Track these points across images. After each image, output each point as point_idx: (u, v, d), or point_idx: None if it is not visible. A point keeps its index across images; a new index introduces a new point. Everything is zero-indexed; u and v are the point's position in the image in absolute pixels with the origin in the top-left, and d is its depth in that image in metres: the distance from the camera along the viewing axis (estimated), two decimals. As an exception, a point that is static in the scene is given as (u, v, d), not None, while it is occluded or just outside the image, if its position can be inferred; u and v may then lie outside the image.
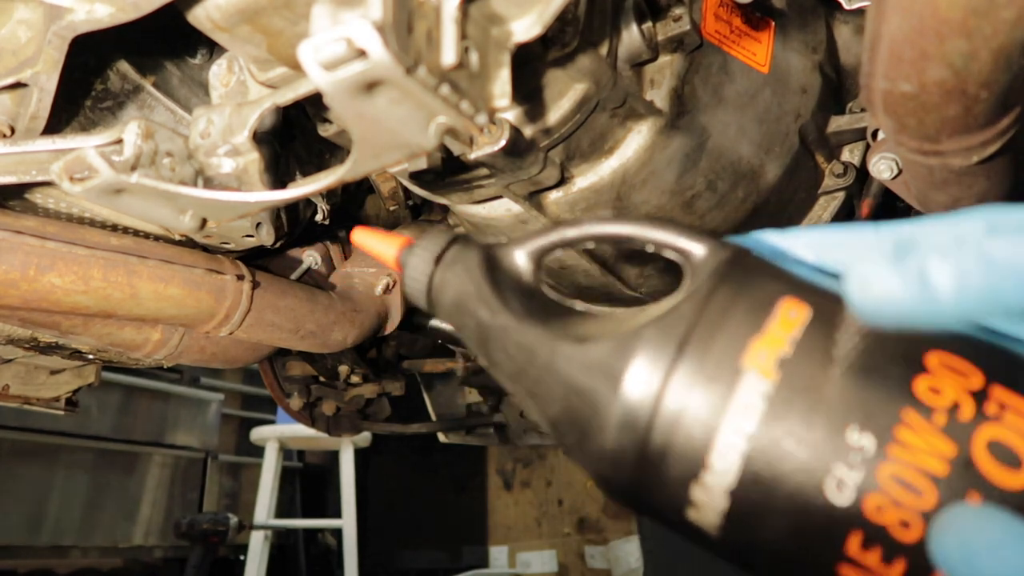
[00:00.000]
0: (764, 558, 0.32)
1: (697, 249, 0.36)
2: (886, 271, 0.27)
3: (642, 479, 0.33)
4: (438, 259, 0.41)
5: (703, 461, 0.31)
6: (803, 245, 0.38)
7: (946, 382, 0.29)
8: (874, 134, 0.78)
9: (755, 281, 0.34)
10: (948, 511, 0.28)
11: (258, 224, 0.79)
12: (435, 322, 1.19)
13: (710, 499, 0.32)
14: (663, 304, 0.34)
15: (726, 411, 0.31)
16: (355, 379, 1.65)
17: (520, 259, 0.41)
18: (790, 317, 0.32)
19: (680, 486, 0.32)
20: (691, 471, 0.32)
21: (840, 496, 0.29)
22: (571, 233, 0.40)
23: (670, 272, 0.90)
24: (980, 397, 0.29)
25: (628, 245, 0.39)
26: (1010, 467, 0.28)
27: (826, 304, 0.32)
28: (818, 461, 0.30)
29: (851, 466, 0.29)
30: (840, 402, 0.30)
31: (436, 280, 0.41)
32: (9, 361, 1.05)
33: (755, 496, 0.31)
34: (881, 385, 0.30)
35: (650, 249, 0.38)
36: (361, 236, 0.44)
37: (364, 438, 3.85)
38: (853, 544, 0.29)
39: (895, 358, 0.30)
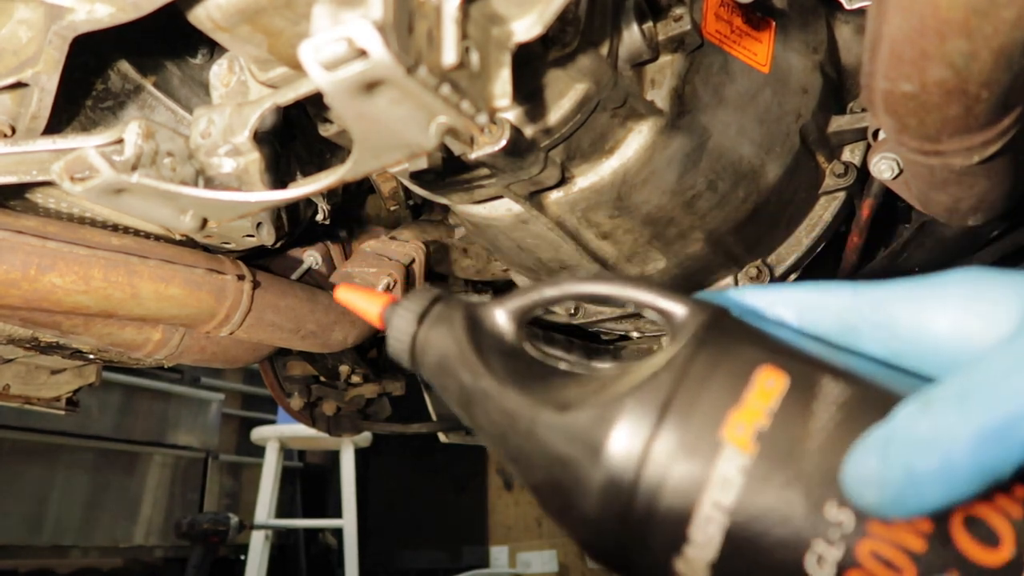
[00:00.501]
0: None
1: (677, 310, 0.36)
2: (875, 466, 0.28)
3: (626, 549, 0.34)
4: (421, 318, 0.41)
5: (684, 534, 0.31)
6: (782, 304, 0.38)
7: None
8: (875, 134, 0.78)
9: (733, 347, 0.34)
10: None
11: (259, 224, 0.79)
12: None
13: (693, 572, 0.32)
14: (644, 368, 0.35)
15: (705, 485, 0.31)
16: (355, 379, 1.65)
17: (501, 319, 0.41)
18: (767, 387, 0.32)
19: (663, 558, 0.32)
20: (673, 544, 0.32)
21: (821, 572, 0.29)
22: (550, 293, 0.41)
23: (669, 274, 0.90)
24: None
25: (608, 304, 0.39)
26: (988, 544, 0.28)
27: (804, 371, 0.32)
28: (798, 536, 0.30)
29: (831, 542, 0.29)
30: (818, 476, 0.30)
31: (419, 339, 0.41)
32: (10, 361, 1.05)
33: (737, 570, 0.31)
34: None
35: (631, 309, 0.39)
36: (344, 293, 0.44)
37: (364, 438, 3.85)
38: None
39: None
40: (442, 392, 0.41)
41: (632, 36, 0.67)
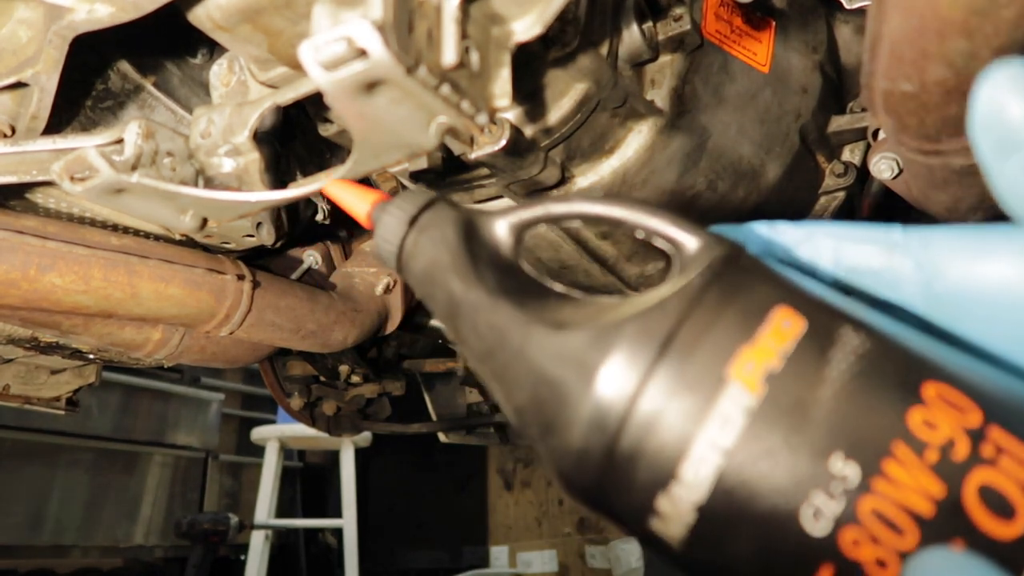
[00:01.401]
0: None
1: (690, 241, 0.34)
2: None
3: (606, 482, 0.31)
4: (413, 221, 0.38)
5: (673, 471, 0.29)
6: (821, 235, 0.36)
7: (942, 416, 0.28)
8: (875, 134, 0.78)
9: (750, 284, 0.31)
10: (929, 554, 0.26)
11: (258, 224, 0.79)
12: (435, 322, 1.19)
13: (677, 512, 0.30)
14: (649, 296, 0.32)
15: (704, 422, 0.29)
16: (355, 379, 1.65)
17: (501, 230, 0.38)
18: (783, 328, 0.30)
19: (646, 495, 0.30)
20: (660, 481, 0.30)
21: (816, 526, 0.27)
22: (557, 209, 0.38)
23: (670, 272, 0.90)
24: (976, 437, 0.27)
25: (616, 228, 0.36)
26: (1001, 516, 0.26)
27: (823, 318, 0.30)
28: (796, 486, 0.28)
29: (831, 496, 0.27)
30: (827, 426, 0.28)
31: (408, 243, 0.38)
32: (10, 361, 1.05)
33: (725, 515, 0.29)
34: (873, 412, 0.28)
35: (640, 235, 0.36)
36: (334, 188, 0.41)
37: (364, 438, 3.85)
38: None
39: (891, 385, 0.29)
40: (428, 301, 0.38)
41: (632, 36, 0.67)
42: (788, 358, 0.29)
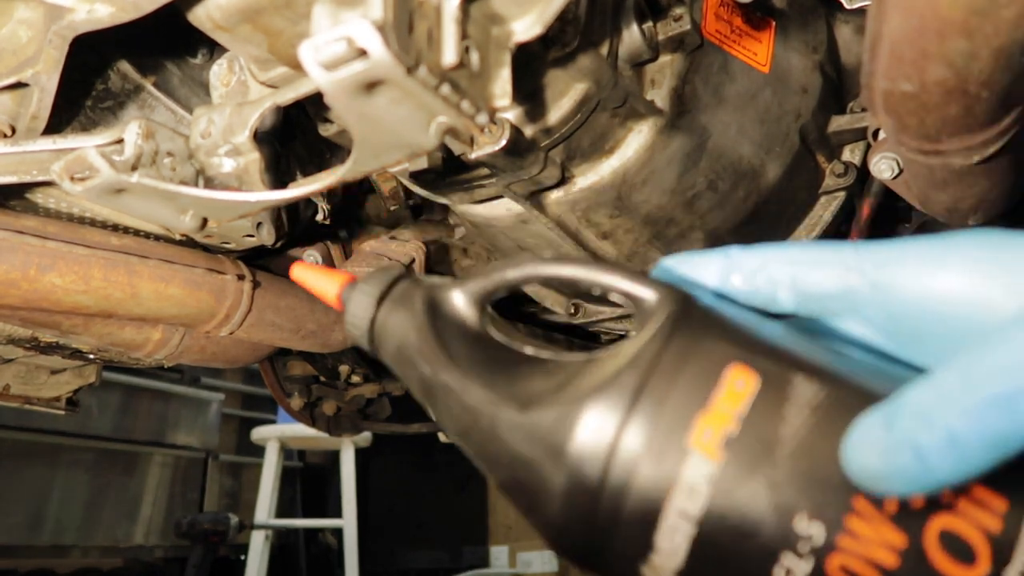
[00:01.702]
0: None
1: (646, 294, 0.34)
2: (879, 444, 0.27)
3: (592, 552, 0.33)
4: (380, 300, 0.39)
5: (650, 542, 0.30)
6: (777, 262, 0.36)
7: None
8: (875, 134, 0.78)
9: (703, 342, 0.32)
10: None
11: (259, 224, 0.79)
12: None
13: None
14: (610, 362, 0.33)
15: (671, 493, 0.30)
16: (356, 379, 1.65)
17: (460, 303, 0.39)
18: (737, 389, 0.30)
19: (630, 565, 0.32)
20: (639, 551, 0.31)
21: None
22: (512, 274, 0.38)
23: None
24: None
25: (574, 287, 0.37)
26: (963, 562, 0.27)
27: (776, 370, 0.31)
28: (766, 549, 0.29)
29: (800, 555, 0.28)
30: (788, 487, 0.29)
31: (378, 323, 0.39)
32: (10, 361, 1.05)
33: None
34: (831, 468, 0.28)
35: (596, 292, 0.36)
36: (300, 272, 0.42)
37: (364, 438, 3.85)
38: None
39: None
40: (404, 381, 0.39)
41: (632, 36, 0.67)
42: (744, 420, 0.30)
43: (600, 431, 0.31)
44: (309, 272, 0.42)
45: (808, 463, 0.29)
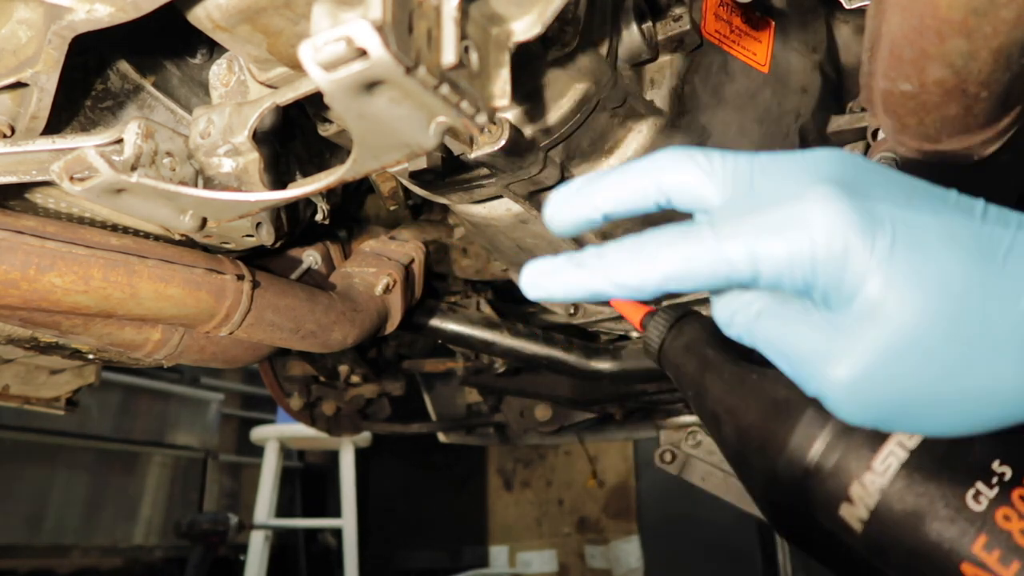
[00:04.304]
0: (900, 551, 0.38)
1: None
2: None
3: (810, 474, 0.41)
4: (671, 326, 0.55)
5: (868, 463, 0.39)
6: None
7: None
8: (874, 134, 0.78)
9: None
10: None
11: (258, 224, 0.79)
12: (435, 322, 1.19)
13: (865, 495, 0.39)
14: None
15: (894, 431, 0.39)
16: (355, 379, 1.65)
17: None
18: None
19: (842, 484, 0.40)
20: (856, 470, 0.39)
21: (976, 504, 0.36)
22: None
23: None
24: None
25: None
26: None
27: None
28: (965, 476, 0.37)
29: (991, 485, 0.37)
30: (989, 445, 0.37)
31: (668, 338, 0.54)
32: (9, 361, 1.05)
33: (904, 496, 0.38)
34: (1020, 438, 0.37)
35: None
36: (616, 303, 0.58)
37: (364, 438, 3.85)
38: (979, 544, 0.36)
39: None
40: (680, 369, 0.52)
41: (631, 36, 0.67)
42: None
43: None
44: (621, 304, 0.58)
45: (1001, 435, 0.36)
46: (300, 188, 0.51)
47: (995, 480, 0.37)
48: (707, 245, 0.34)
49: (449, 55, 0.39)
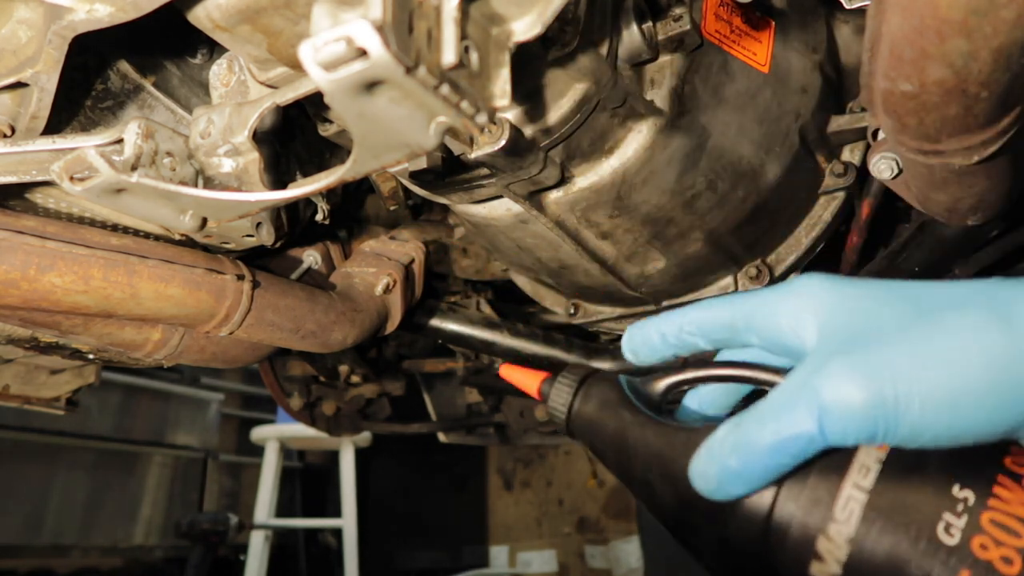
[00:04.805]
0: None
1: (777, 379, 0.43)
2: (704, 464, 0.40)
3: (768, 539, 0.39)
4: (577, 389, 0.49)
5: (830, 511, 0.37)
6: (689, 325, 0.47)
7: None
8: (874, 134, 0.78)
9: None
10: None
11: (258, 224, 0.79)
12: (435, 322, 1.19)
13: (834, 548, 0.37)
14: None
15: (847, 472, 0.37)
16: (355, 379, 1.65)
17: (658, 388, 0.48)
18: None
19: (807, 539, 0.38)
20: (820, 522, 0.37)
21: (950, 538, 0.35)
22: (671, 380, 0.48)
23: (669, 273, 0.90)
24: None
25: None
26: None
27: None
28: (930, 509, 0.36)
29: (957, 514, 0.35)
30: (943, 468, 0.37)
31: (574, 410, 0.49)
32: (9, 361, 1.05)
33: (875, 544, 0.36)
34: (976, 457, 0.37)
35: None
36: (506, 371, 0.54)
37: (364, 438, 3.85)
38: None
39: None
40: (595, 435, 0.48)
41: (632, 36, 0.67)
42: None
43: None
44: (512, 371, 0.53)
45: (955, 453, 0.36)
46: (300, 188, 0.51)
47: (960, 508, 0.35)
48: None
49: (449, 55, 0.39)
